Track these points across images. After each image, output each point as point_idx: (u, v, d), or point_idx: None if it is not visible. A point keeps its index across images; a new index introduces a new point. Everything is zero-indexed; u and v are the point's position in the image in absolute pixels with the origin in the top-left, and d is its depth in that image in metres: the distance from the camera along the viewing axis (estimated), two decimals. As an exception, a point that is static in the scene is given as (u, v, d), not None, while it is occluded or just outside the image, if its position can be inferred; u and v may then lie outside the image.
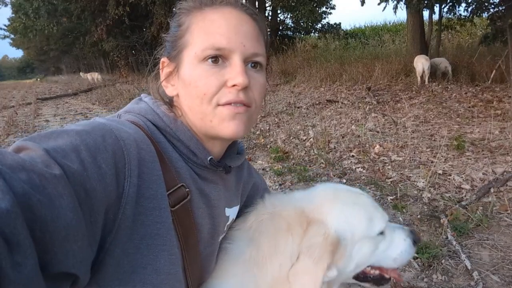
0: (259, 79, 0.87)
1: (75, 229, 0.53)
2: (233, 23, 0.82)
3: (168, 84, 0.92)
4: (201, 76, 0.81)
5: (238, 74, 0.79)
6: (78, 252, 0.55)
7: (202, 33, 0.82)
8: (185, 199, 0.82)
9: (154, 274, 0.73)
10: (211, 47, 0.80)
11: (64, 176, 0.54)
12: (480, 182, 3.59)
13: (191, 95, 0.83)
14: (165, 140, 0.84)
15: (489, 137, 4.76)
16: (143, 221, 0.71)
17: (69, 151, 0.59)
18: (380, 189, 3.68)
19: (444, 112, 6.53)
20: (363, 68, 10.85)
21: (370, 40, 19.16)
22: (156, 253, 0.73)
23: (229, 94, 0.80)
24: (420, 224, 3.00)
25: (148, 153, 0.74)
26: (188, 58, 0.83)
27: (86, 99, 14.53)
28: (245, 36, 0.82)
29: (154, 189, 0.73)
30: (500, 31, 8.39)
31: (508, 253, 2.53)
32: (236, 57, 0.81)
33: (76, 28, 25.25)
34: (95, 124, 0.71)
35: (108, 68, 29.66)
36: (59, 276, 0.53)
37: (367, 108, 7.22)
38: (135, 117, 0.85)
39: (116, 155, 0.67)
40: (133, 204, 0.68)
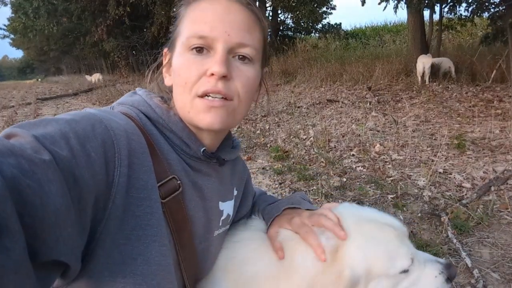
0: (246, 71, 0.84)
1: (65, 215, 0.53)
2: (219, 12, 0.80)
3: (166, 74, 0.93)
4: (184, 65, 0.81)
5: (216, 62, 0.78)
6: (68, 239, 0.54)
7: (190, 22, 0.82)
8: (176, 191, 0.82)
9: (145, 265, 0.72)
10: (195, 35, 0.80)
11: (53, 162, 0.54)
12: (481, 180, 3.59)
13: (176, 83, 0.84)
14: (157, 132, 0.84)
15: (489, 136, 4.75)
16: (134, 212, 0.70)
17: (58, 138, 0.59)
18: (380, 187, 3.68)
19: (445, 112, 6.51)
20: (364, 68, 10.84)
21: (371, 40, 19.20)
22: (146, 244, 0.72)
23: (207, 83, 0.79)
24: (420, 223, 2.99)
25: (138, 144, 0.74)
26: (178, 47, 0.84)
27: (87, 99, 14.54)
28: (230, 24, 0.80)
29: (144, 180, 0.73)
30: (501, 31, 8.39)
31: (508, 251, 2.52)
32: (219, 45, 0.79)
33: (76, 28, 25.22)
34: (85, 113, 0.71)
35: (109, 69, 29.66)
36: (49, 265, 0.53)
37: (368, 108, 7.21)
38: (127, 108, 0.84)
39: (106, 144, 0.66)
40: (123, 194, 0.68)
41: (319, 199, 3.56)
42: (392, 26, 21.98)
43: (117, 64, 23.31)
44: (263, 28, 0.89)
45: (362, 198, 3.51)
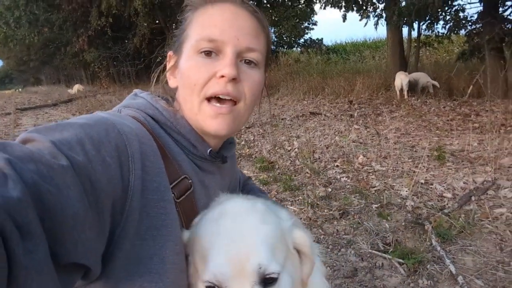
0: (253, 75, 0.88)
1: (83, 218, 0.54)
2: (228, 17, 0.84)
3: (171, 76, 0.95)
4: (193, 66, 0.84)
5: (227, 65, 0.81)
6: (86, 242, 0.55)
7: (199, 26, 0.85)
8: (188, 190, 0.84)
9: (160, 264, 0.73)
10: (205, 38, 0.82)
11: (71, 167, 0.55)
12: (461, 191, 3.68)
13: (184, 85, 0.87)
14: (166, 134, 0.86)
15: (468, 149, 4.89)
16: (148, 213, 0.72)
17: (74, 144, 0.60)
18: (365, 197, 3.73)
19: (424, 125, 6.69)
20: (345, 82, 11.06)
21: (351, 56, 19.60)
22: (162, 244, 0.74)
23: (217, 85, 0.82)
24: (405, 231, 3.04)
25: (149, 147, 0.76)
26: (186, 50, 0.87)
27: (66, 109, 14.29)
28: (239, 29, 0.84)
29: (157, 182, 0.74)
30: (477, 48, 8.71)
31: (490, 258, 2.59)
32: (228, 49, 0.83)
33: (57, 39, 24.86)
34: (97, 117, 0.72)
35: (89, 79, 29.29)
36: (69, 268, 0.54)
37: (350, 120, 7.34)
38: (135, 112, 0.86)
39: (119, 148, 0.68)
40: (138, 196, 0.69)
41: (305, 208, 3.58)
42: (372, 42, 22.51)
43: (98, 75, 23.07)
44: (267, 35, 0.93)
45: (347, 207, 3.55)
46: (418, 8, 8.48)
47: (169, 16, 16.85)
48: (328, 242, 3.02)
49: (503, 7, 8.58)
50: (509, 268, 2.43)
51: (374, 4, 10.95)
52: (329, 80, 11.66)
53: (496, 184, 3.67)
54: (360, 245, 2.92)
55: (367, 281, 2.54)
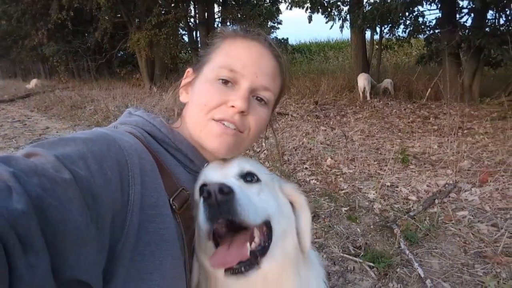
0: (261, 111, 0.94)
1: (85, 232, 0.55)
2: (253, 54, 0.91)
3: (184, 91, 1.00)
4: (209, 89, 0.89)
5: (240, 98, 0.87)
6: (88, 256, 0.56)
7: (224, 54, 0.92)
8: (187, 201, 0.86)
9: (160, 279, 0.74)
10: (227, 67, 0.88)
11: (73, 181, 0.56)
12: (425, 193, 3.82)
13: (194, 103, 0.91)
14: (163, 149, 0.89)
15: (429, 151, 5.09)
16: (147, 228, 0.72)
17: (77, 158, 0.62)
18: (334, 200, 3.79)
19: (387, 127, 6.90)
20: (310, 83, 11.24)
21: (315, 56, 19.93)
22: (161, 259, 0.74)
23: (225, 113, 0.87)
24: (374, 234, 3.11)
25: (148, 162, 0.77)
26: (206, 72, 0.92)
27: (24, 105, 13.54)
28: (260, 68, 0.90)
29: (155, 197, 0.75)
30: (435, 52, 9.09)
31: (455, 261, 2.69)
32: (245, 83, 0.88)
33: (15, 31, 23.63)
34: (98, 133, 0.74)
35: (47, 74, 28.02)
36: (70, 285, 0.54)
37: (317, 122, 7.44)
38: (132, 128, 0.87)
39: (120, 163, 0.69)
40: (137, 211, 0.70)
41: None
42: (335, 43, 22.98)
43: (57, 69, 22.12)
44: (284, 80, 1.00)
45: (317, 210, 3.59)
46: (382, 13, 8.73)
47: (132, 10, 16.38)
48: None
49: (460, 14, 9.00)
50: (473, 271, 2.54)
51: (339, 7, 11.15)
52: (294, 80, 11.79)
53: (458, 187, 3.84)
54: (331, 249, 2.96)
55: (339, 285, 2.57)
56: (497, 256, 2.62)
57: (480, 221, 3.15)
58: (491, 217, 3.19)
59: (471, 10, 8.65)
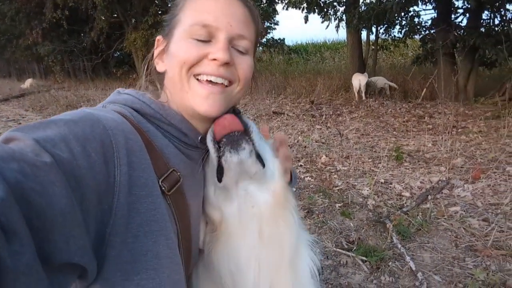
0: (245, 60, 0.90)
1: (71, 215, 0.53)
2: (222, 5, 0.85)
3: (159, 60, 0.95)
4: (184, 46, 0.84)
5: (220, 49, 0.82)
6: (78, 239, 0.55)
7: (192, 11, 0.86)
8: (178, 183, 0.83)
9: (155, 259, 0.73)
10: (198, 23, 0.83)
11: (55, 164, 0.54)
12: (418, 190, 3.85)
13: (173, 64, 0.86)
14: (154, 128, 0.85)
15: (423, 149, 5.13)
16: (138, 209, 0.71)
17: (58, 141, 0.59)
18: (328, 196, 3.81)
19: (382, 126, 6.93)
20: (306, 83, 11.25)
21: (312, 56, 19.98)
22: (154, 239, 0.73)
23: (208, 67, 0.84)
24: (367, 229, 3.14)
25: (135, 142, 0.75)
26: (177, 34, 0.87)
27: (18, 105, 13.49)
28: (232, 17, 0.85)
29: (144, 177, 0.74)
30: (431, 53, 9.14)
31: (447, 254, 2.72)
32: (221, 35, 0.83)
33: (9, 30, 23.38)
34: (82, 114, 0.71)
35: (42, 73, 27.86)
36: (63, 268, 0.53)
37: (312, 120, 7.47)
38: (121, 107, 0.84)
39: (105, 144, 0.67)
40: (126, 192, 0.68)
41: (270, 208, 3.60)
42: (331, 43, 23.03)
43: (52, 69, 21.98)
44: (257, 26, 0.95)
45: (311, 207, 3.61)
46: (377, 13, 8.78)
47: (128, 10, 16.37)
48: (293, 241, 3.05)
49: (455, 14, 9.06)
50: (464, 264, 2.57)
51: (335, 7, 11.21)
52: (291, 80, 11.82)
53: (450, 183, 3.87)
54: (325, 244, 2.98)
55: (332, 279, 2.59)
56: (487, 249, 2.65)
57: (471, 216, 3.19)
58: (483, 212, 3.23)
59: (466, 10, 8.70)
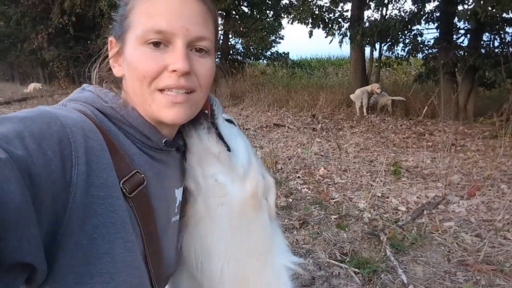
0: (205, 63, 0.85)
1: (26, 213, 0.52)
2: (175, 5, 0.79)
3: (115, 64, 0.90)
4: (141, 58, 0.80)
5: (178, 59, 0.78)
6: (31, 238, 0.53)
7: (144, 15, 0.80)
8: (141, 185, 0.80)
9: (111, 263, 0.70)
10: (152, 30, 0.78)
11: (9, 160, 0.52)
12: (415, 204, 3.88)
13: (132, 77, 0.82)
14: (116, 128, 0.82)
15: (421, 165, 5.16)
16: (95, 210, 0.68)
17: (12, 138, 0.57)
18: (324, 208, 3.84)
19: (382, 141, 6.97)
20: (309, 96, 11.32)
21: (315, 71, 20.11)
22: (111, 242, 0.70)
23: (169, 79, 0.79)
24: (361, 242, 3.16)
25: (96, 141, 0.72)
26: (131, 39, 0.81)
27: (20, 109, 13.48)
28: (188, 19, 0.80)
29: (103, 178, 0.71)
30: (433, 71, 9.23)
31: (439, 269, 2.74)
32: (178, 41, 0.79)
33: (13, 34, 23.61)
34: (39, 111, 0.68)
35: (46, 78, 28.02)
36: (13, 269, 0.51)
37: (312, 133, 7.52)
38: (81, 106, 0.81)
39: (62, 142, 0.64)
40: (82, 193, 0.65)
41: (266, 218, 3.62)
42: (335, 59, 23.23)
43: (56, 74, 22.15)
44: (215, 19, 0.90)
45: (307, 218, 3.64)
46: (380, 29, 8.90)
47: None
48: (287, 251, 3.07)
49: (457, 35, 9.18)
50: (455, 278, 2.59)
51: (339, 23, 11.36)
52: (293, 93, 11.90)
53: (446, 199, 3.90)
54: (318, 255, 3.00)
55: (324, 289, 2.61)
56: (478, 264, 2.67)
57: (465, 231, 3.21)
58: (476, 228, 3.25)
59: (467, 31, 8.82)
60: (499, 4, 6.08)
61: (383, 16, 11.35)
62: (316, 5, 11.37)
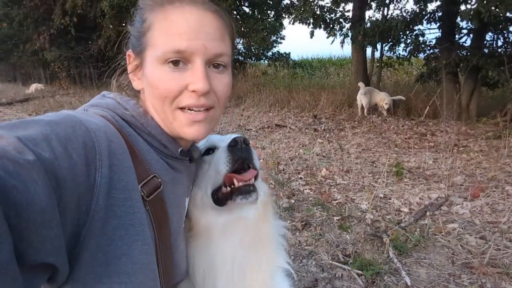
0: (223, 79, 0.88)
1: (51, 215, 0.53)
2: (194, 24, 0.80)
3: (134, 77, 0.92)
4: (162, 78, 0.82)
5: (199, 79, 0.80)
6: (54, 240, 0.54)
7: (163, 35, 0.81)
8: (158, 189, 0.83)
9: (129, 264, 0.72)
10: (172, 50, 0.79)
11: (37, 162, 0.54)
12: (417, 206, 3.85)
13: (153, 95, 0.85)
14: (135, 133, 0.85)
15: (424, 166, 5.12)
16: (116, 212, 0.70)
17: (39, 140, 0.58)
18: (326, 210, 3.81)
19: (384, 142, 6.94)
20: (310, 97, 11.29)
21: (317, 72, 20.08)
22: (130, 244, 0.73)
23: (190, 99, 0.83)
24: (364, 243, 3.13)
25: (118, 145, 0.74)
26: (151, 58, 0.83)
27: (22, 109, 13.60)
28: (206, 37, 0.81)
29: (125, 181, 0.73)
30: (434, 71, 9.19)
31: (443, 271, 2.71)
32: (198, 60, 0.81)
33: (16, 35, 23.76)
34: (64, 115, 0.70)
35: (48, 79, 28.13)
36: (36, 268, 0.53)
37: (314, 134, 7.49)
38: (103, 111, 0.84)
39: (87, 146, 0.66)
40: (105, 195, 0.68)
41: (268, 219, 3.60)
42: (337, 60, 23.18)
43: (58, 75, 22.22)
44: (232, 32, 0.92)
45: (309, 219, 3.61)
46: (382, 30, 8.87)
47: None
48: (290, 253, 3.05)
49: (459, 35, 9.13)
50: (459, 281, 2.56)
51: (341, 23, 11.33)
52: (295, 94, 11.86)
53: (449, 200, 3.86)
54: (321, 256, 2.98)
55: (327, 291, 2.59)
56: (483, 266, 2.64)
57: (469, 233, 3.18)
58: (480, 230, 3.22)
59: (470, 31, 8.78)
60: (503, 3, 6.05)
61: (384, 16, 11.30)
62: (318, 5, 11.36)
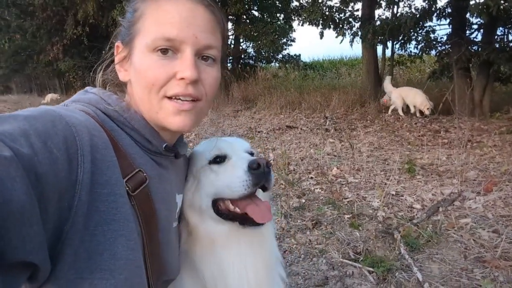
0: (211, 72, 0.88)
1: (30, 212, 0.51)
2: (185, 14, 0.81)
3: (121, 68, 0.92)
4: (150, 66, 0.81)
5: (187, 67, 0.80)
6: (34, 237, 0.52)
7: (154, 23, 0.82)
8: (143, 184, 0.82)
9: (112, 260, 0.70)
10: (162, 38, 0.80)
11: (15, 158, 0.52)
12: (430, 202, 3.81)
13: (140, 84, 0.84)
14: (118, 128, 0.84)
15: (437, 163, 5.06)
16: (98, 207, 0.69)
17: (17, 136, 0.56)
18: (337, 208, 3.80)
19: (396, 140, 6.88)
20: (321, 98, 11.25)
21: (328, 72, 20.01)
22: (112, 239, 0.70)
23: (177, 87, 0.82)
24: (375, 241, 3.11)
25: (100, 139, 0.73)
26: (140, 46, 0.83)
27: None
28: (198, 27, 0.82)
29: (108, 175, 0.71)
30: (447, 67, 9.08)
31: (455, 266, 2.68)
32: (187, 49, 0.81)
33: (30, 46, 24.18)
34: (43, 110, 0.68)
35: (63, 89, 28.62)
36: (16, 267, 0.51)
37: (325, 134, 7.48)
38: (84, 106, 0.83)
39: (68, 140, 0.64)
40: (87, 190, 0.66)
41: (278, 219, 3.61)
42: (348, 60, 23.08)
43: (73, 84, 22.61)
44: (223, 28, 0.93)
45: (320, 218, 3.61)
46: (392, 27, 8.81)
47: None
48: (300, 251, 3.05)
49: (470, 30, 9.01)
50: (472, 275, 2.53)
51: (350, 22, 11.29)
52: (306, 95, 11.84)
53: (462, 195, 3.82)
54: (331, 254, 2.97)
55: (337, 289, 2.58)
56: (495, 260, 2.60)
57: (482, 227, 3.13)
58: (493, 223, 3.17)
59: (480, 26, 8.66)
60: (512, -4, 5.96)
61: (394, 14, 11.23)
62: (326, 6, 11.33)
